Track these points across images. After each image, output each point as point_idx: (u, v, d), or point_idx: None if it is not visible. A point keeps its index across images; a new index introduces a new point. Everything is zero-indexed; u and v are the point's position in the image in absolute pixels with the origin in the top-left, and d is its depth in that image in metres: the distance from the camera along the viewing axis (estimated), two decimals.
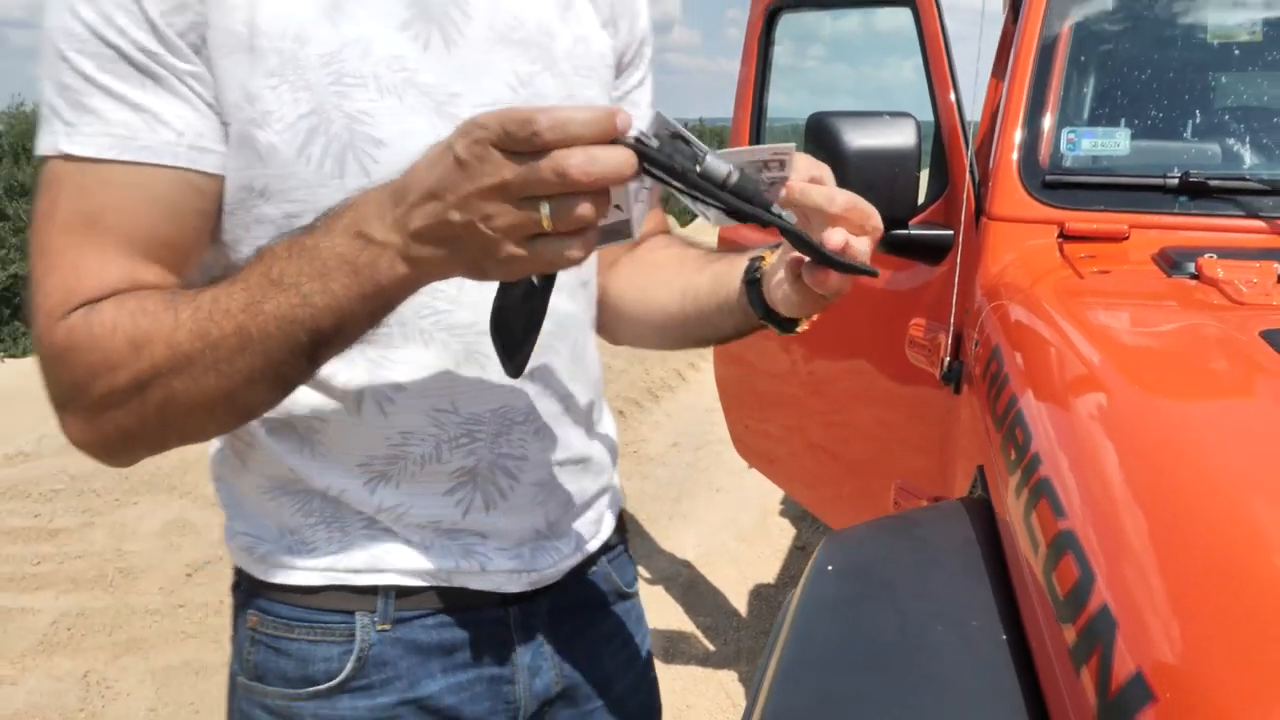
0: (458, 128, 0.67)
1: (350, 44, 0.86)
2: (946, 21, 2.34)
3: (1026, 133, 2.07)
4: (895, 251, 2.24)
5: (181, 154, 0.82)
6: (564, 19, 1.00)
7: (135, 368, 0.77)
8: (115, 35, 0.79)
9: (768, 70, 3.05)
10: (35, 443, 6.19)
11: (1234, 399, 1.20)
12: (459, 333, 0.94)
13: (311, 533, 0.97)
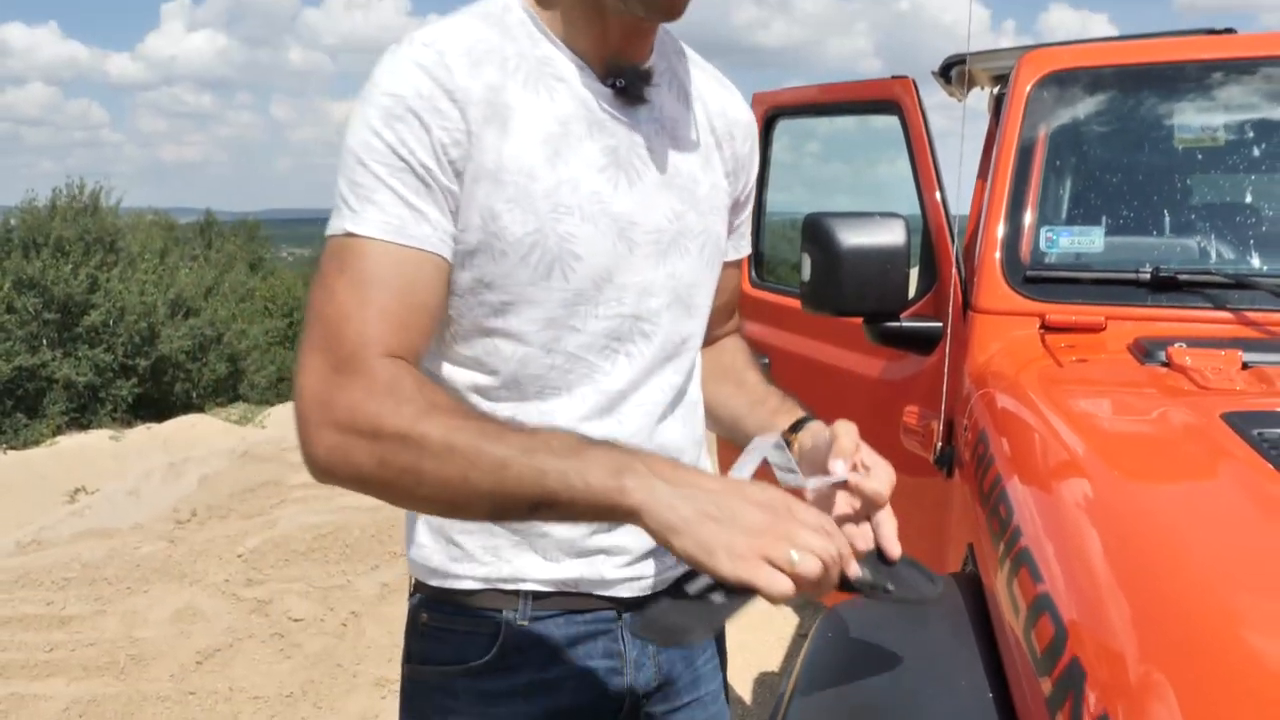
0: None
1: (565, 182, 1.12)
2: (931, 124, 2.51)
3: (1008, 230, 2.21)
4: (888, 342, 2.37)
5: (435, 244, 1.07)
6: (704, 169, 1.27)
7: (409, 428, 0.97)
8: (407, 153, 1.05)
9: (766, 170, 3.23)
10: (49, 531, 6.28)
11: (1190, 475, 1.32)
12: (609, 396, 1.20)
13: (472, 547, 1.22)
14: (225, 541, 5.43)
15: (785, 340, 3.01)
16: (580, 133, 1.14)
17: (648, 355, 1.23)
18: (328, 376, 1.01)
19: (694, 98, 1.28)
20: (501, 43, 1.12)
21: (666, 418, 1.27)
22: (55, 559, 5.37)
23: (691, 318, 1.29)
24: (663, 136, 1.21)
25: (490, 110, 1.08)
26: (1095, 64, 2.41)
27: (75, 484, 12.84)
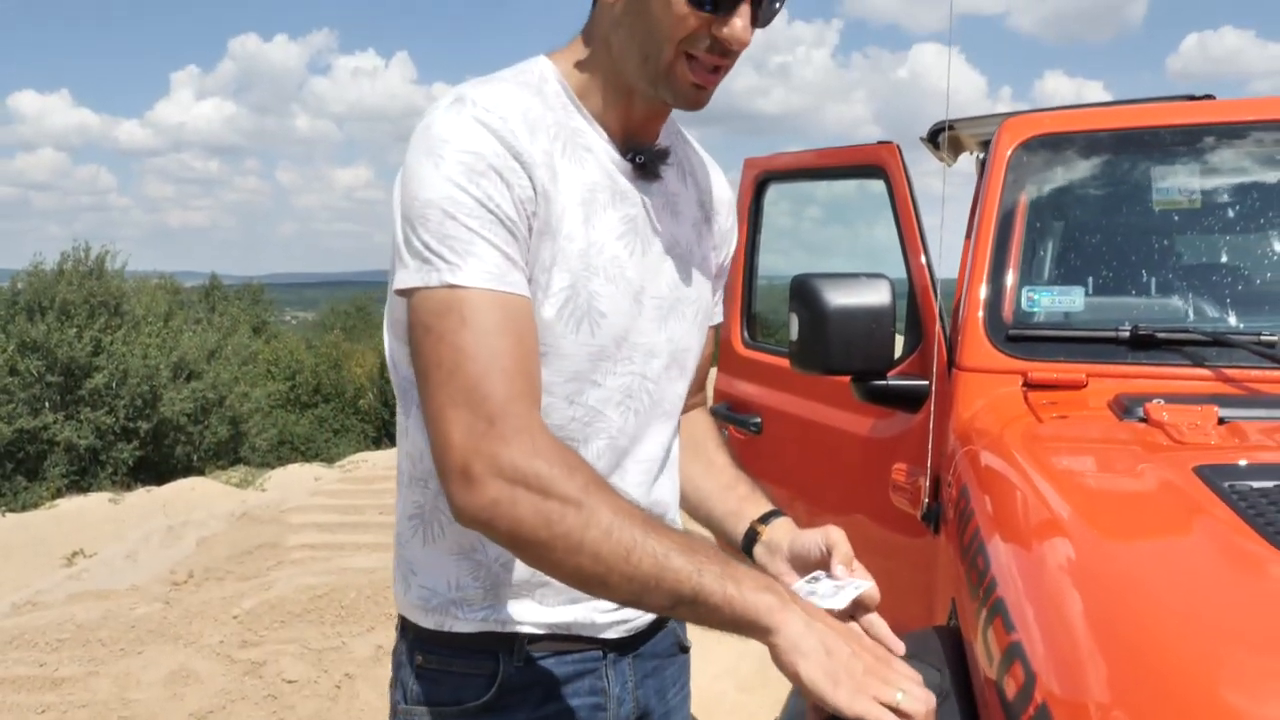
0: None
1: (594, 244, 1.20)
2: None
3: (990, 291, 2.26)
4: (875, 401, 2.40)
5: (527, 288, 1.14)
6: (698, 242, 1.38)
7: (581, 497, 1.03)
8: (494, 207, 1.11)
9: (758, 233, 3.29)
10: (45, 593, 6.26)
11: (1161, 527, 1.35)
12: (617, 452, 1.28)
13: (474, 592, 1.26)
14: (221, 603, 5.41)
15: (777, 400, 3.04)
16: (605, 200, 1.23)
17: (649, 413, 1.31)
18: (483, 430, 1.05)
19: (689, 175, 1.39)
20: (544, 111, 1.20)
21: (660, 475, 1.35)
22: (50, 620, 5.35)
23: (683, 379, 1.37)
24: (667, 211, 1.31)
25: (548, 174, 1.16)
26: (1074, 129, 2.47)
27: (73, 547, 12.78)
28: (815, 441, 2.86)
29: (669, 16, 1.14)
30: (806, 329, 2.25)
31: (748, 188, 3.27)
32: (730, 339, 3.35)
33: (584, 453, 1.23)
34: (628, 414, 1.28)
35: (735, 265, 3.31)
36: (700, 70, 1.17)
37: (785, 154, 3.22)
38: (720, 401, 3.33)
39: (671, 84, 1.18)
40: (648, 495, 1.32)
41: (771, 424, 3.05)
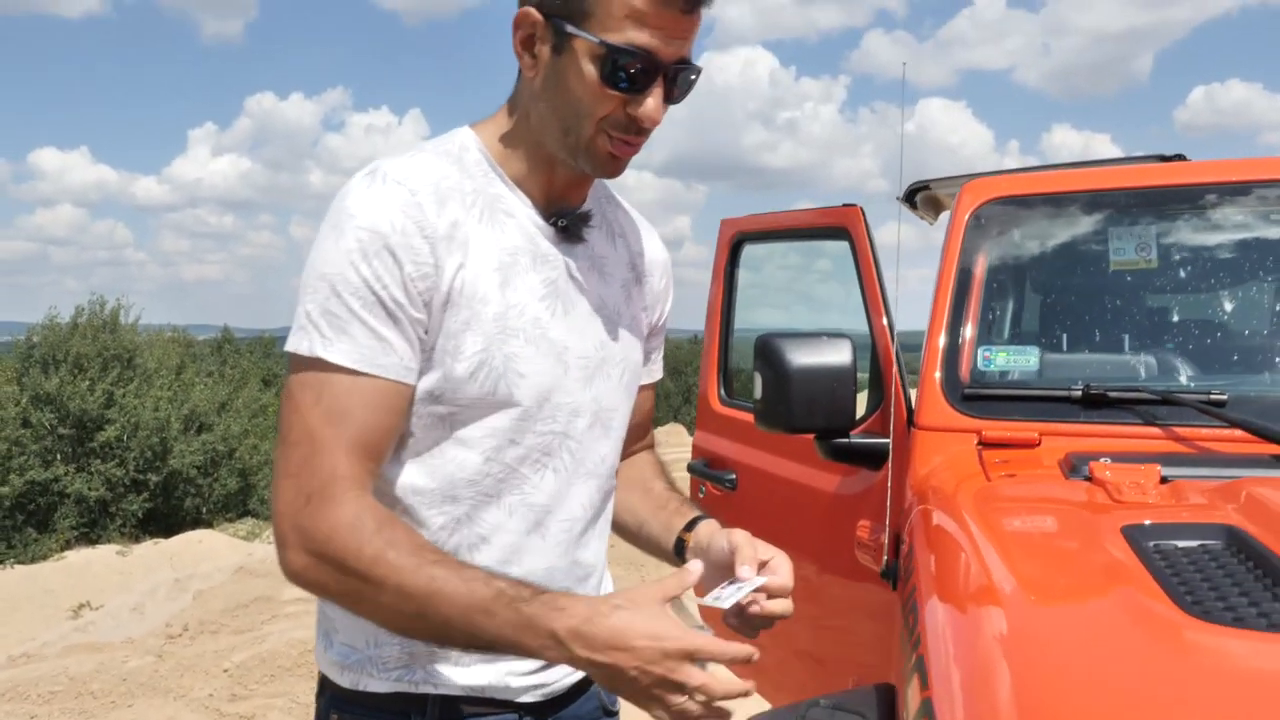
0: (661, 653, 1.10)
1: (512, 307, 1.26)
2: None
3: (947, 350, 2.30)
4: (838, 458, 2.43)
5: (400, 372, 1.20)
6: (627, 303, 1.43)
7: (368, 570, 1.12)
8: (380, 288, 1.17)
9: (733, 291, 3.35)
10: (39, 645, 6.27)
11: (1075, 589, 1.38)
12: (535, 510, 1.31)
13: (391, 650, 1.29)
14: (213, 656, 5.43)
15: (751, 456, 3.07)
16: (526, 264, 1.28)
17: (570, 472, 1.35)
18: (301, 505, 1.15)
19: (620, 238, 1.45)
20: (461, 180, 1.27)
21: (585, 535, 1.39)
22: (44, 672, 5.38)
23: (608, 438, 1.41)
24: (594, 272, 1.37)
25: (454, 243, 1.22)
26: (1033, 191, 2.53)
27: (81, 599, 12.80)
28: (786, 498, 2.89)
29: (587, 95, 1.21)
30: (770, 388, 2.29)
31: (724, 247, 3.33)
32: (707, 396, 3.39)
33: (496, 510, 1.29)
34: (545, 472, 1.32)
35: (712, 323, 3.36)
36: (618, 144, 1.25)
37: (758, 215, 3.29)
38: (698, 458, 3.37)
39: (590, 156, 1.26)
40: (567, 555, 1.36)
41: (746, 480, 3.09)
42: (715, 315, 3.37)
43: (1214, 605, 1.22)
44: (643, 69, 1.20)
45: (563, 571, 1.35)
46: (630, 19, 1.18)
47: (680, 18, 1.20)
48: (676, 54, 1.22)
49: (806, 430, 2.34)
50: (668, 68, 1.21)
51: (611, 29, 1.18)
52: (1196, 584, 1.29)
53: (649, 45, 1.19)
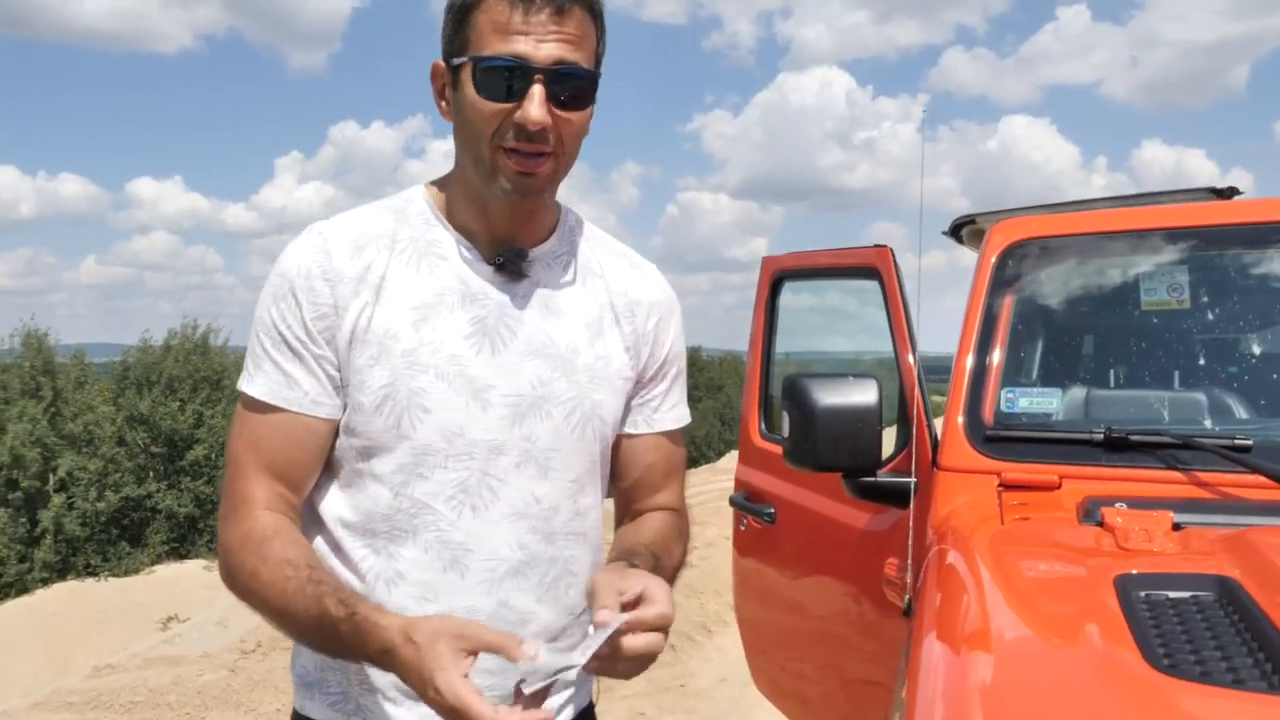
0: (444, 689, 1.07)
1: (426, 344, 1.30)
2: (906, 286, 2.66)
3: (971, 392, 2.32)
4: (864, 497, 2.46)
5: (307, 406, 1.30)
6: (591, 342, 1.40)
7: (245, 586, 1.26)
8: (284, 328, 1.29)
9: (774, 326, 3.40)
10: (124, 657, 6.53)
11: (1051, 639, 1.40)
12: (451, 547, 1.32)
13: (332, 675, 1.37)
14: (282, 672, 5.60)
15: (787, 490, 3.11)
16: (452, 303, 1.32)
17: (494, 511, 1.33)
18: (221, 521, 1.32)
19: (593, 277, 1.43)
20: (395, 228, 1.35)
21: (516, 578, 1.35)
22: (125, 683, 5.61)
23: (547, 480, 1.36)
24: (539, 310, 1.37)
25: (361, 286, 1.30)
26: (1063, 232, 2.54)
27: (169, 612, 13.24)
28: (820, 533, 2.93)
29: (474, 114, 1.26)
30: (797, 427, 2.34)
31: (764, 284, 3.38)
32: (748, 429, 3.44)
33: (411, 546, 1.31)
34: (462, 509, 1.31)
35: (753, 357, 3.41)
36: (518, 158, 1.27)
37: (796, 254, 3.34)
38: (739, 490, 3.42)
39: (498, 176, 1.28)
40: (491, 596, 1.33)
41: (783, 514, 3.12)
42: (756, 350, 3.42)
43: (1184, 659, 1.24)
44: (514, 75, 1.23)
45: (488, 613, 1.32)
46: (496, 32, 1.23)
47: (547, 21, 1.23)
48: (550, 56, 1.24)
49: (833, 469, 2.37)
50: (543, 70, 1.23)
51: (483, 46, 1.24)
52: (1174, 636, 1.31)
53: (516, 51, 1.23)
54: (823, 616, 3.00)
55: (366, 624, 1.16)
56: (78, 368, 27.40)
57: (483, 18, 1.25)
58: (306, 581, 1.22)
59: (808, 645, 3.17)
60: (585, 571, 1.41)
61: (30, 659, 12.22)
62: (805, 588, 3.07)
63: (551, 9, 1.23)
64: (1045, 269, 2.54)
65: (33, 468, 24.94)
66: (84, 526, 24.69)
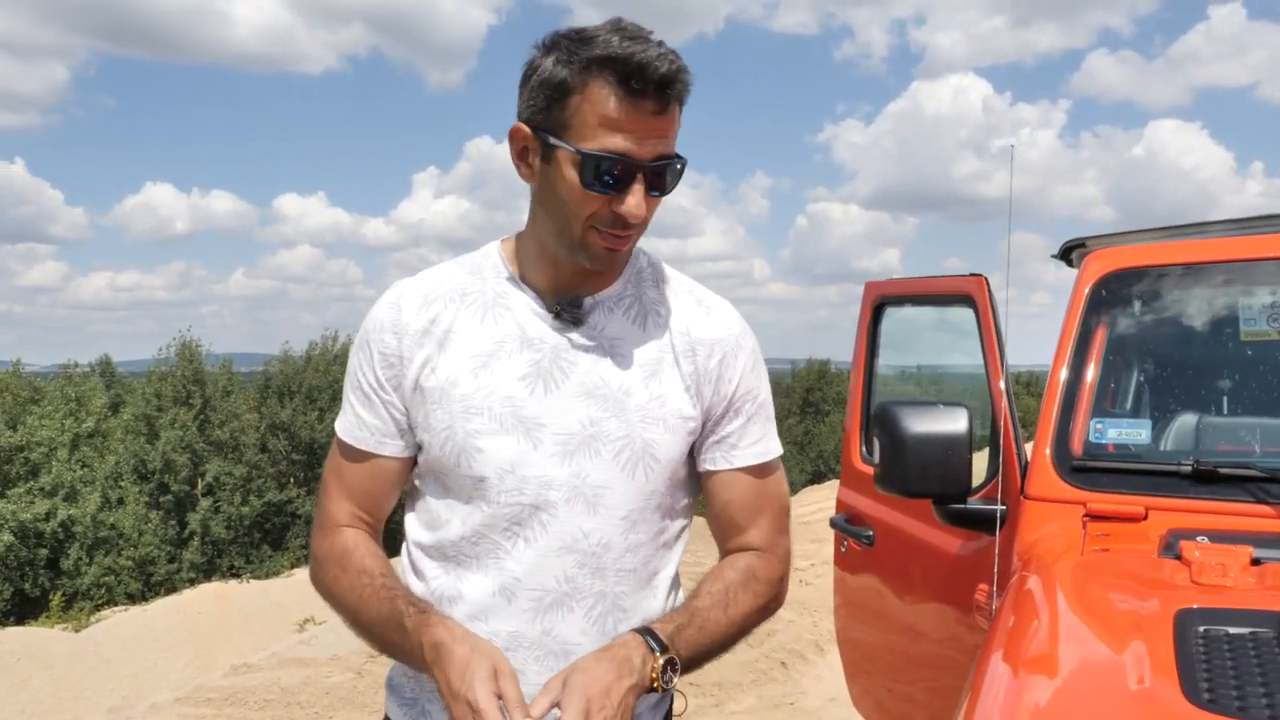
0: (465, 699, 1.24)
1: (483, 388, 1.41)
2: (1001, 318, 2.69)
3: (1060, 422, 2.35)
4: (954, 523, 2.51)
5: (371, 444, 1.48)
6: (645, 382, 1.45)
7: (330, 589, 1.48)
8: (360, 375, 1.48)
9: (876, 349, 3.46)
10: (261, 658, 6.91)
11: (1101, 667, 1.45)
12: (504, 574, 1.42)
13: (405, 681, 1.52)
14: None
15: (885, 514, 3.16)
16: (512, 349, 1.43)
17: (543, 544, 1.40)
18: (314, 530, 1.54)
19: (656, 319, 1.48)
20: (467, 282, 1.48)
21: (560, 609, 1.41)
22: (260, 682, 5.95)
23: (596, 515, 1.41)
24: (595, 352, 1.43)
25: (425, 338, 1.44)
26: (1159, 262, 2.54)
27: (306, 614, 13.81)
28: (915, 557, 2.97)
29: (572, 198, 1.34)
30: (888, 453, 2.40)
31: (867, 309, 3.44)
32: (849, 452, 3.50)
33: (473, 570, 1.42)
34: (516, 540, 1.41)
35: (855, 380, 3.47)
36: (608, 238, 1.36)
37: (898, 280, 3.39)
38: (840, 512, 3.47)
39: (584, 251, 1.38)
40: (536, 624, 1.41)
41: (881, 537, 3.17)
42: (858, 372, 3.48)
43: (1225, 694, 1.28)
44: (621, 171, 1.31)
45: (531, 640, 1.40)
46: (604, 126, 1.29)
47: (651, 119, 1.30)
48: (653, 152, 1.32)
49: (922, 495, 2.43)
50: (645, 166, 1.31)
51: (588, 138, 1.30)
52: (1222, 672, 1.35)
53: (623, 149, 1.30)
54: (919, 639, 3.04)
55: (431, 619, 1.34)
56: (225, 376, 28.85)
57: (587, 106, 1.30)
58: (380, 588, 1.41)
59: (905, 667, 3.21)
60: (636, 607, 1.45)
61: (178, 655, 12.92)
62: (902, 610, 3.11)
63: (655, 107, 1.29)
64: (1140, 298, 2.55)
65: (182, 472, 26.36)
66: (229, 530, 25.96)
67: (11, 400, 26.12)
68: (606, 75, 1.28)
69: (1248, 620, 1.53)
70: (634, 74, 1.27)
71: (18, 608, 22.90)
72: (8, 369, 28.48)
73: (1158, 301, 2.56)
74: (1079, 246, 3.43)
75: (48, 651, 12.21)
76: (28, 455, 24.58)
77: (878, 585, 3.25)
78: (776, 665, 5.82)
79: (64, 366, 29.92)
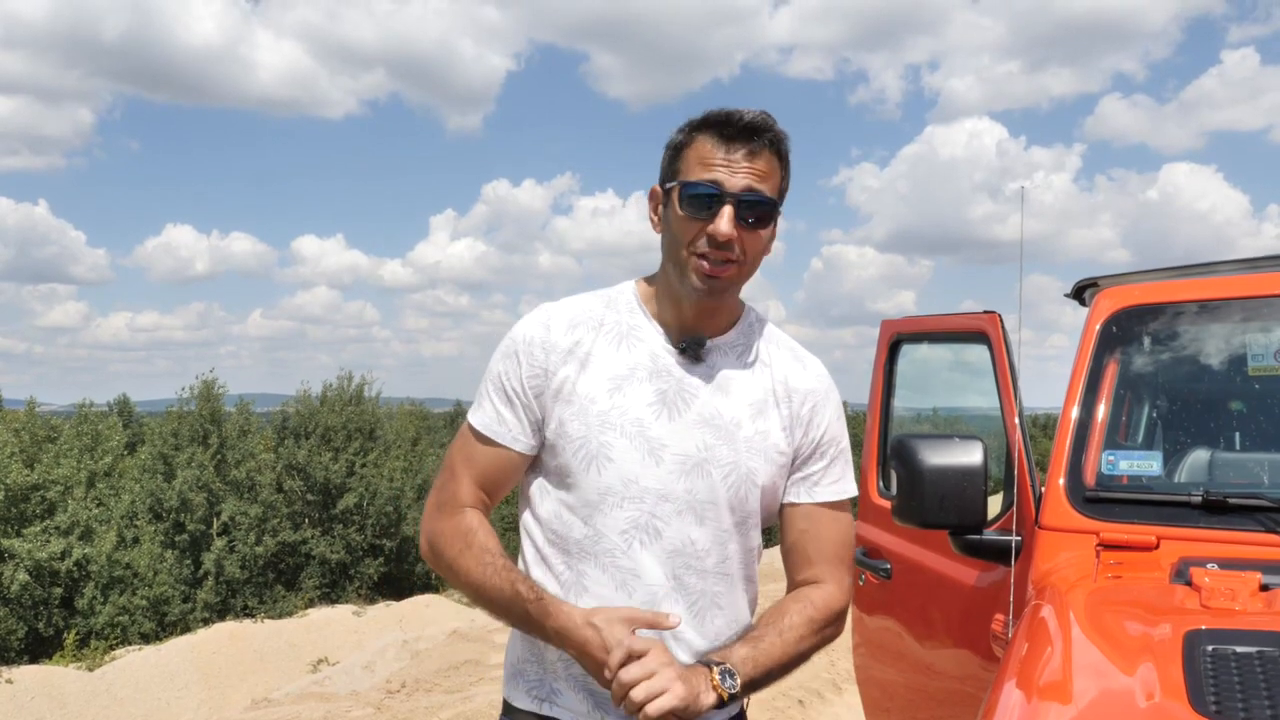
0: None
1: (617, 407, 1.63)
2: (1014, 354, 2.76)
3: (1073, 454, 2.42)
4: (970, 554, 2.56)
5: (509, 440, 1.68)
6: (753, 418, 1.69)
7: (451, 563, 1.67)
8: (505, 380, 1.68)
9: (892, 386, 3.53)
10: (282, 694, 6.94)
11: (1111, 685, 1.51)
12: (622, 571, 1.63)
13: (530, 667, 1.71)
14: (424, 712, 5.89)
15: (903, 547, 3.22)
16: (642, 377, 1.66)
17: (657, 548, 1.63)
18: (433, 510, 1.71)
19: (762, 366, 1.73)
20: (604, 313, 1.70)
21: (669, 603, 1.64)
22: (280, 715, 5.99)
23: (702, 526, 1.65)
24: (713, 388, 1.67)
25: (569, 357, 1.66)
26: (1169, 299, 2.61)
27: (320, 654, 13.81)
28: (932, 588, 3.02)
29: (678, 226, 1.61)
30: (904, 485, 2.46)
31: (883, 346, 3.52)
32: (867, 486, 3.56)
33: (594, 566, 1.63)
34: (632, 542, 1.63)
35: (871, 416, 3.54)
36: (710, 264, 1.60)
37: (913, 318, 3.46)
38: (858, 546, 3.53)
39: (690, 277, 1.61)
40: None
41: (899, 570, 3.23)
42: (875, 409, 3.54)
43: (1231, 707, 1.34)
44: (712, 197, 1.58)
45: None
46: (701, 165, 1.59)
47: (741, 159, 1.58)
48: (742, 185, 1.58)
49: (938, 526, 2.49)
50: (734, 196, 1.57)
51: (690, 174, 1.60)
52: (1228, 687, 1.41)
53: (715, 179, 1.58)
54: (937, 672, 3.08)
55: (552, 606, 1.57)
56: (243, 416, 28.99)
57: (692, 153, 1.61)
58: (502, 568, 1.62)
59: (924, 704, 3.24)
60: (729, 606, 1.70)
61: (191, 695, 12.92)
62: (920, 645, 3.16)
63: (746, 150, 1.59)
64: (1151, 334, 2.62)
65: (198, 511, 26.43)
66: (243, 569, 25.97)
67: (28, 439, 26.28)
68: (706, 128, 1.61)
69: (1255, 640, 1.59)
70: (725, 122, 1.59)
71: (32, 647, 22.90)
72: (23, 408, 28.65)
73: (1167, 337, 2.63)
74: (1091, 285, 3.51)
75: (62, 690, 12.24)
76: (44, 494, 24.68)
77: (896, 620, 3.29)
78: (794, 704, 5.83)
79: (79, 406, 30.08)
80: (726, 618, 1.69)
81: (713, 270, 1.60)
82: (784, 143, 1.63)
